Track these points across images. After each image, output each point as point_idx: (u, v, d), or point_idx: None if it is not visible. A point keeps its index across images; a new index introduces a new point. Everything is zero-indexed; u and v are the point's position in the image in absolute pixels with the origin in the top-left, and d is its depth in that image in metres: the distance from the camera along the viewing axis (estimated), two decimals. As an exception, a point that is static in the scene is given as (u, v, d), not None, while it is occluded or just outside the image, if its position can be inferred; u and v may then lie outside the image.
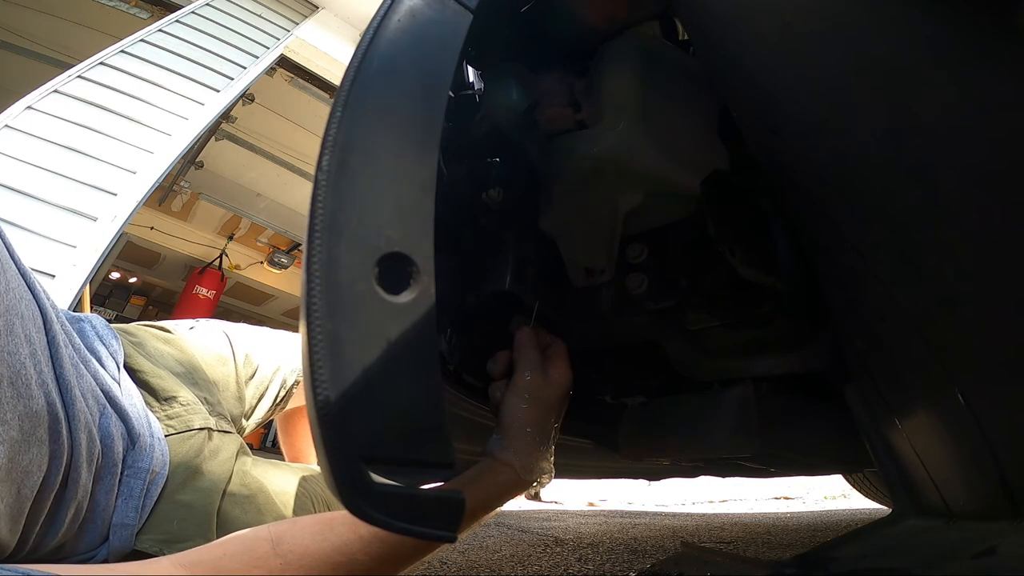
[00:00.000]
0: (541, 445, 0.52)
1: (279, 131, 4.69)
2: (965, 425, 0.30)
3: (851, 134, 0.35)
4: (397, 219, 0.32)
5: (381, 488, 0.29)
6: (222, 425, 0.82)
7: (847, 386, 0.46)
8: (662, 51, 0.66)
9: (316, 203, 0.30)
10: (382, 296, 0.30)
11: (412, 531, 0.30)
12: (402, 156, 0.33)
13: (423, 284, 0.31)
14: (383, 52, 0.35)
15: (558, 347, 0.58)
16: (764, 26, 0.41)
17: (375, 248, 0.31)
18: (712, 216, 0.55)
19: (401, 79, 0.35)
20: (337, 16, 3.82)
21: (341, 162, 0.31)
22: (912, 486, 0.37)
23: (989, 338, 0.30)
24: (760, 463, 0.86)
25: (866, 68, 0.35)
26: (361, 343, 0.29)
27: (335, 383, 0.28)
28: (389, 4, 0.37)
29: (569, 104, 0.64)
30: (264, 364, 1.01)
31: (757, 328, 0.59)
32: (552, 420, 0.54)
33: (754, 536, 1.46)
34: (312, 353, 0.28)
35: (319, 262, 0.29)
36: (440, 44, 0.38)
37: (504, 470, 0.50)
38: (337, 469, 0.28)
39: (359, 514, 0.28)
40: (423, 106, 0.35)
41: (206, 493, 0.70)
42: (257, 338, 1.04)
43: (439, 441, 0.31)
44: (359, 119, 0.33)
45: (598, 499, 3.34)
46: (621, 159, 0.57)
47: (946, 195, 0.31)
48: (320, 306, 0.29)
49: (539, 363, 0.55)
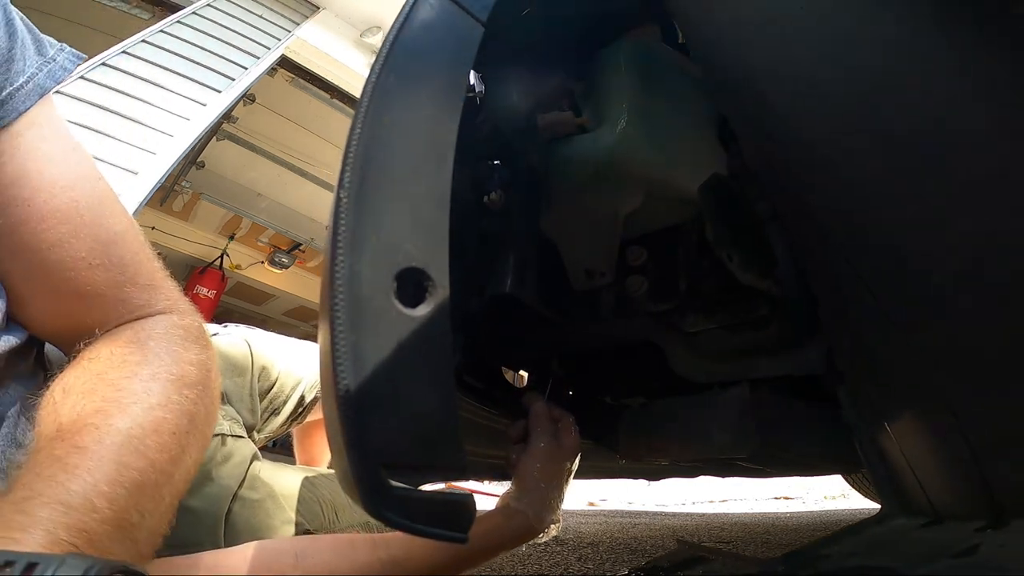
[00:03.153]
0: (552, 499, 0.60)
1: (280, 131, 4.69)
2: (949, 428, 0.31)
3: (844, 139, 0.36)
4: (414, 234, 0.33)
5: (399, 492, 0.30)
6: (235, 429, 0.82)
7: (839, 388, 0.47)
8: (661, 55, 0.66)
9: (339, 219, 0.31)
10: (400, 309, 0.31)
11: (427, 532, 0.31)
12: (419, 172, 0.34)
13: (439, 297, 0.33)
14: (399, 69, 0.35)
15: (568, 420, 0.67)
16: (760, 31, 0.42)
17: (394, 263, 0.32)
18: (710, 220, 0.56)
19: (417, 95, 0.36)
20: (338, 17, 3.82)
21: (362, 179, 0.32)
22: (899, 487, 0.37)
23: (973, 343, 0.30)
24: (759, 463, 0.87)
25: (859, 74, 0.35)
26: (380, 355, 0.30)
27: (357, 393, 0.29)
28: (404, 17, 0.37)
29: (569, 108, 0.65)
30: (283, 379, 1.00)
31: (755, 331, 0.60)
32: (563, 479, 0.62)
33: (753, 536, 1.46)
34: (336, 364, 0.29)
35: (342, 277, 0.30)
36: (454, 58, 0.38)
37: (519, 516, 0.57)
38: (359, 475, 0.29)
39: (380, 518, 0.29)
40: (439, 121, 0.36)
41: (215, 499, 0.71)
42: (280, 351, 1.03)
43: (452, 446, 0.32)
44: (378, 135, 0.34)
45: (598, 499, 3.34)
46: (621, 163, 0.58)
47: (934, 201, 0.32)
48: (343, 320, 0.30)
49: (552, 432, 0.64)
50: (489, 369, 0.82)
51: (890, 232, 0.33)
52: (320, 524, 0.82)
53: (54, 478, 0.30)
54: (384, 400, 0.30)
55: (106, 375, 0.40)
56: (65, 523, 0.28)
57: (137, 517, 0.32)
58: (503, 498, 0.59)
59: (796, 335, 0.55)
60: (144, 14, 3.59)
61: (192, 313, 0.51)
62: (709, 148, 0.63)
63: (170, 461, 0.37)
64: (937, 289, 0.31)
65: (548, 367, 0.86)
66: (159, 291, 0.49)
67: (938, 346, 0.31)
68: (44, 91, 0.45)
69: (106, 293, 0.45)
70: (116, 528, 0.30)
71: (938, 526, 0.33)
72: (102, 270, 0.45)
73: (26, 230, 0.42)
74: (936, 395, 0.32)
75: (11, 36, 0.42)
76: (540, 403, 0.66)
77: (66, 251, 0.43)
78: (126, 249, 0.47)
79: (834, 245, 0.37)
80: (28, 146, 0.42)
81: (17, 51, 0.42)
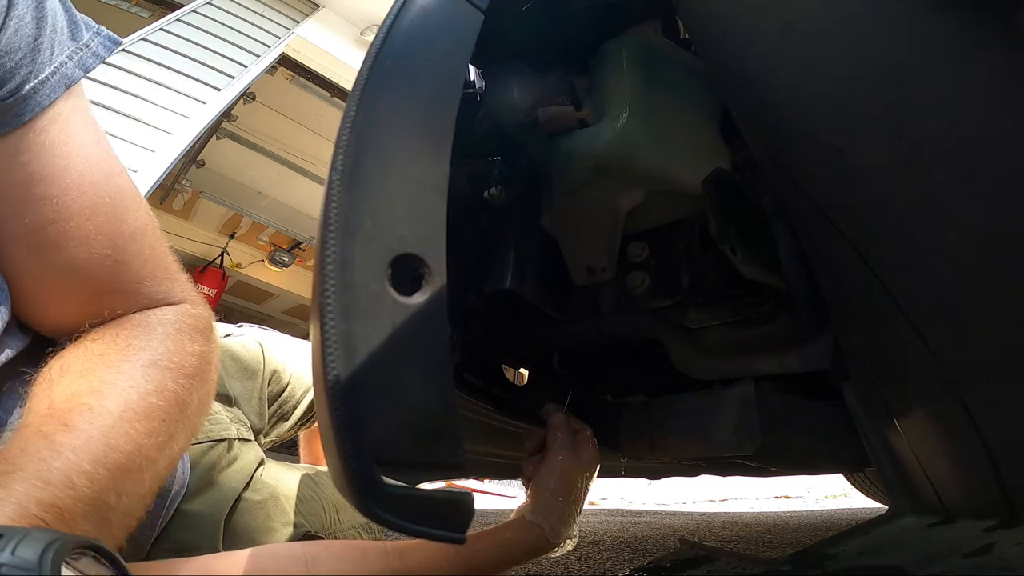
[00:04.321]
0: (569, 513, 0.58)
1: (280, 130, 4.69)
2: (961, 424, 0.30)
3: (850, 133, 0.35)
4: (410, 220, 0.32)
5: (392, 490, 0.29)
6: (243, 433, 0.81)
7: (844, 384, 0.46)
8: (663, 50, 0.66)
9: (330, 203, 0.30)
10: (395, 297, 0.30)
11: (422, 532, 0.30)
12: (415, 157, 0.33)
13: (435, 285, 0.31)
14: (396, 52, 0.35)
15: (585, 432, 0.65)
16: (764, 25, 0.41)
17: (388, 249, 0.31)
18: (713, 215, 0.55)
19: (414, 80, 0.35)
20: (338, 15, 3.81)
21: (355, 163, 0.31)
22: (909, 484, 0.37)
23: (987, 338, 0.30)
24: (762, 462, 0.86)
25: (866, 67, 0.35)
26: (374, 344, 0.29)
27: (348, 385, 0.28)
28: (402, 3, 0.37)
29: (571, 102, 0.64)
30: (294, 383, 0.98)
31: (758, 327, 0.59)
32: (580, 493, 0.60)
33: (754, 535, 1.46)
34: (326, 354, 0.28)
35: (333, 263, 0.29)
36: (452, 44, 0.37)
37: (534, 530, 0.55)
38: (349, 472, 0.28)
39: (372, 516, 0.28)
40: (436, 107, 0.35)
41: (215, 503, 0.70)
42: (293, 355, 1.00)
43: (450, 442, 0.31)
44: (373, 120, 0.33)
45: (598, 498, 3.34)
46: (622, 157, 0.57)
47: (946, 194, 0.31)
48: (334, 307, 0.28)
49: (571, 445, 0.62)
50: (489, 366, 0.82)
51: (902, 224, 0.32)
52: (321, 524, 0.81)
53: (37, 454, 0.30)
54: (377, 392, 0.29)
55: (108, 356, 0.40)
56: (39, 498, 0.28)
57: (115, 499, 0.32)
58: (518, 511, 0.58)
59: (801, 331, 0.54)
60: (144, 12, 3.59)
61: (203, 305, 0.50)
62: (711, 142, 0.62)
63: (157, 447, 0.37)
64: (951, 281, 0.30)
65: (550, 364, 0.86)
66: (175, 283, 0.48)
67: (951, 340, 0.31)
68: (72, 81, 0.42)
69: (127, 289, 0.45)
70: (91, 507, 0.30)
71: (949, 525, 0.32)
72: (125, 266, 0.44)
73: (54, 229, 0.40)
74: (949, 390, 0.31)
75: (39, 22, 0.39)
76: (559, 415, 0.65)
77: (92, 248, 0.42)
78: (146, 243, 0.46)
79: (844, 239, 0.36)
80: (53, 141, 0.41)
81: (45, 39, 0.40)
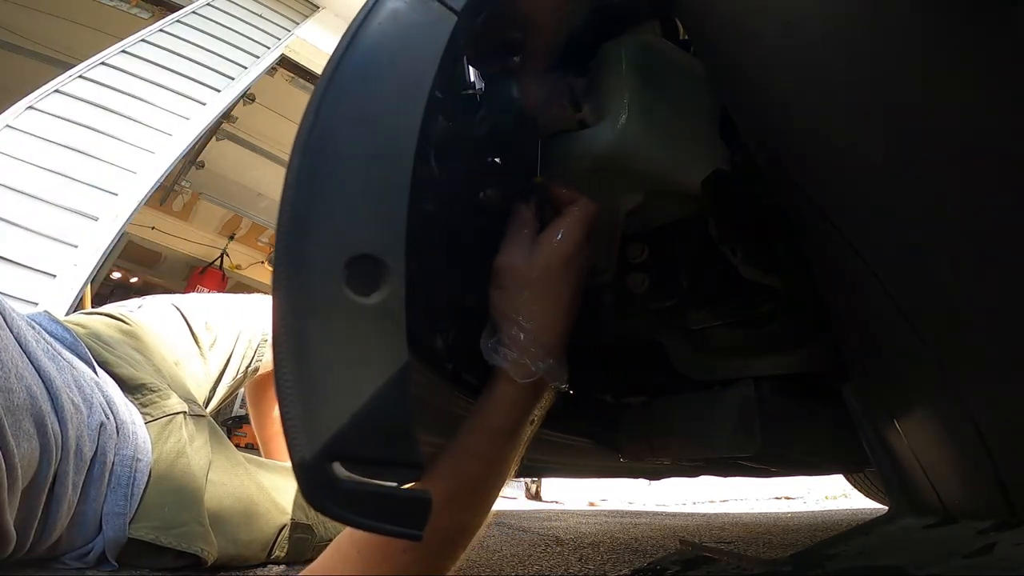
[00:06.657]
0: (538, 337, 0.43)
1: (280, 131, 4.69)
2: (962, 425, 0.30)
3: (850, 134, 0.35)
4: (367, 221, 0.32)
5: (347, 486, 0.29)
6: (194, 408, 0.82)
7: (843, 385, 0.46)
8: (663, 50, 0.66)
9: (284, 205, 0.31)
10: (350, 297, 0.31)
11: (376, 528, 0.30)
12: (374, 159, 0.34)
13: (393, 285, 0.32)
14: (359, 56, 0.35)
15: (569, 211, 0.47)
16: (764, 25, 0.41)
17: (345, 248, 0.31)
18: (713, 215, 0.55)
19: (376, 83, 0.35)
20: (338, 16, 3.82)
21: (312, 166, 0.32)
22: (908, 485, 0.37)
23: (987, 338, 0.30)
24: (761, 463, 0.86)
25: (866, 67, 0.35)
26: (328, 343, 0.30)
27: (301, 382, 0.29)
28: (371, 6, 0.37)
29: (569, 103, 0.64)
30: (224, 330, 1.01)
31: (758, 327, 0.59)
32: (549, 303, 0.45)
33: (755, 536, 1.46)
34: (278, 353, 0.29)
35: (286, 263, 0.30)
36: (421, 47, 0.37)
37: (498, 379, 0.44)
38: (302, 466, 0.28)
39: (322, 510, 0.29)
40: (399, 110, 0.35)
41: (192, 477, 0.71)
42: (211, 305, 1.05)
43: (406, 441, 0.31)
44: (331, 124, 0.33)
45: (598, 499, 3.33)
46: (621, 158, 0.57)
47: (945, 195, 0.31)
48: (286, 305, 0.29)
49: (526, 240, 0.47)
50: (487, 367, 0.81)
51: (902, 224, 0.32)
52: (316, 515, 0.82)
53: None
54: (330, 390, 0.29)
55: None
56: None
57: None
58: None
59: (800, 332, 0.54)
60: (144, 13, 3.59)
61: None
62: (711, 143, 0.62)
63: None
64: (951, 281, 0.30)
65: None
66: None
67: (952, 340, 0.31)
68: None
69: None
70: None
71: (949, 525, 0.32)
72: None
73: None
74: (949, 391, 0.31)
75: None
76: (524, 207, 0.50)
77: None
78: None
79: (844, 240, 0.36)
80: None
81: None
